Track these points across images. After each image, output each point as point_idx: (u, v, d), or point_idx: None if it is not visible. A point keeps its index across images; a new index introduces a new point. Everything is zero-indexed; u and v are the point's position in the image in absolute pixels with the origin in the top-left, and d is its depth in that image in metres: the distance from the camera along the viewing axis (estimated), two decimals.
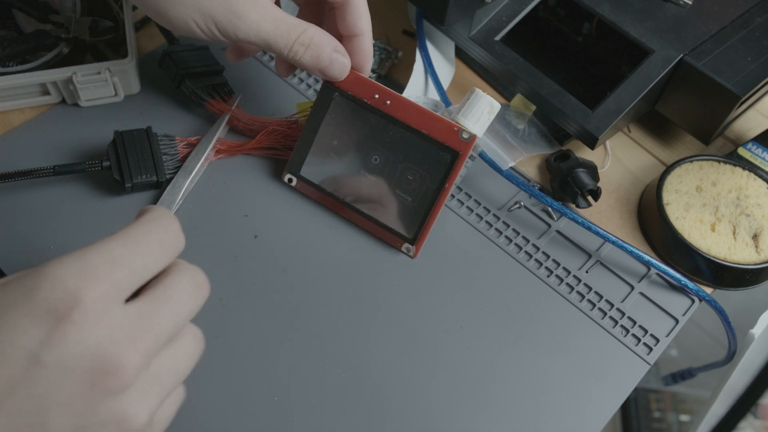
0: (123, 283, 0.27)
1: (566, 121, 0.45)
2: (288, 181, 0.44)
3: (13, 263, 0.40)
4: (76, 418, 0.25)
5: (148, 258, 0.28)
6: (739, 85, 0.43)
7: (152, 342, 0.27)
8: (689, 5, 0.47)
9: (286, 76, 0.45)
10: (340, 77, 0.41)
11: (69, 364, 0.25)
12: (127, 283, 0.27)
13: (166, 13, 0.37)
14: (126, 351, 0.26)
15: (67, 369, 0.25)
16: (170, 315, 0.28)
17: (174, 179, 0.44)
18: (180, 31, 0.38)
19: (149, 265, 0.28)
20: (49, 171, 0.43)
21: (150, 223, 0.29)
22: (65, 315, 0.25)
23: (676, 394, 0.95)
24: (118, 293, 0.26)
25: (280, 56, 0.39)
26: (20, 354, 0.24)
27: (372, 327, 0.39)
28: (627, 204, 0.47)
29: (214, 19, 0.37)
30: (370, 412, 0.36)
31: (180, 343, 0.29)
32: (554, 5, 0.52)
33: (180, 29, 0.38)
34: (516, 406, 0.37)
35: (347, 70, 0.41)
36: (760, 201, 0.44)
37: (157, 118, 0.48)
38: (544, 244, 0.44)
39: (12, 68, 0.47)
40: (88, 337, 0.25)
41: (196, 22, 0.37)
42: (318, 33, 0.39)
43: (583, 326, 0.40)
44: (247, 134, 0.47)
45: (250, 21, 0.37)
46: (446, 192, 0.40)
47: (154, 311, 0.27)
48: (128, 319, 0.26)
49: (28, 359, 0.24)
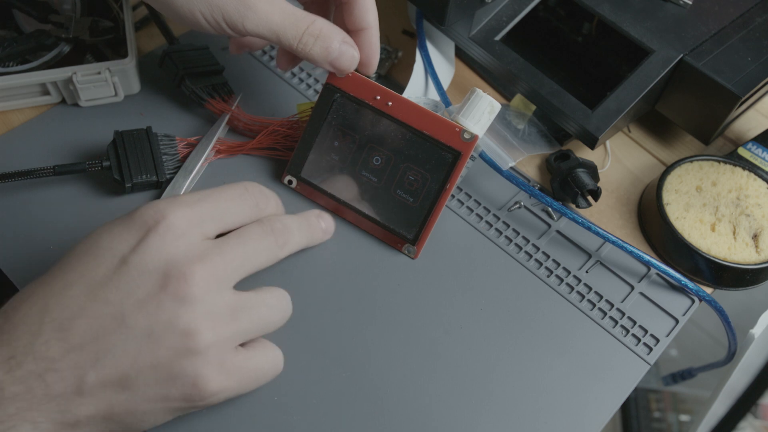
0: (205, 215, 0.32)
1: (566, 121, 0.45)
2: (288, 183, 0.44)
3: (13, 263, 0.40)
4: (148, 316, 0.29)
5: (230, 203, 0.33)
6: (739, 85, 0.43)
7: (222, 267, 0.31)
8: (689, 5, 0.47)
9: (286, 70, 0.45)
10: (349, 69, 0.41)
11: (148, 267, 0.30)
12: (209, 216, 0.32)
13: (172, 3, 0.37)
14: (196, 265, 0.30)
15: (146, 271, 0.30)
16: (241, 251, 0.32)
17: (174, 179, 0.44)
18: (186, 23, 0.38)
19: (231, 208, 0.33)
20: (49, 171, 0.43)
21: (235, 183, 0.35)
22: (153, 227, 0.30)
23: (676, 394, 0.95)
24: (202, 222, 0.32)
25: (290, 48, 0.39)
26: (114, 255, 0.30)
27: (372, 327, 0.39)
28: (627, 204, 0.47)
29: (222, 11, 0.37)
30: (371, 412, 0.36)
31: (263, 294, 0.33)
32: (554, 5, 0.52)
33: (186, 20, 0.38)
34: (516, 406, 0.37)
35: (356, 61, 0.40)
36: (760, 201, 0.44)
37: (157, 118, 0.48)
38: (544, 244, 0.44)
39: (12, 68, 0.47)
40: (168, 248, 0.30)
41: (202, 13, 0.37)
42: (326, 24, 0.39)
43: (583, 326, 0.40)
44: (247, 134, 0.47)
45: (259, 12, 0.37)
46: (447, 192, 0.40)
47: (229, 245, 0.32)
48: (205, 245, 0.31)
49: (119, 260, 0.30)
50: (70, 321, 0.29)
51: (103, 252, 0.30)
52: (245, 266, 0.33)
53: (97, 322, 0.29)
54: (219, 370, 0.30)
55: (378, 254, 0.42)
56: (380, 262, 0.42)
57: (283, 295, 0.34)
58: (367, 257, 0.42)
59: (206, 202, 0.33)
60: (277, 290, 0.34)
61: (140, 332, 0.29)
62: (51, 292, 0.29)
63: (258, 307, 0.32)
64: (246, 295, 0.32)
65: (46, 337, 0.28)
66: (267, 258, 0.34)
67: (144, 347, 0.29)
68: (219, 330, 0.30)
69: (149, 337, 0.29)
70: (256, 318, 0.32)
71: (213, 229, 0.33)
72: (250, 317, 0.32)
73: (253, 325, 0.32)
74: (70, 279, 0.30)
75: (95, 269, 0.30)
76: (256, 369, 0.32)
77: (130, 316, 0.29)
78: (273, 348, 0.34)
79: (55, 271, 0.30)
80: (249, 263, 0.33)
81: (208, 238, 0.32)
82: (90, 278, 0.30)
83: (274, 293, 0.34)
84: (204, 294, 0.30)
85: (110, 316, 0.29)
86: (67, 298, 0.29)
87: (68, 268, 0.30)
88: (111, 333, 0.29)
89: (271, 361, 0.34)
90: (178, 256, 0.30)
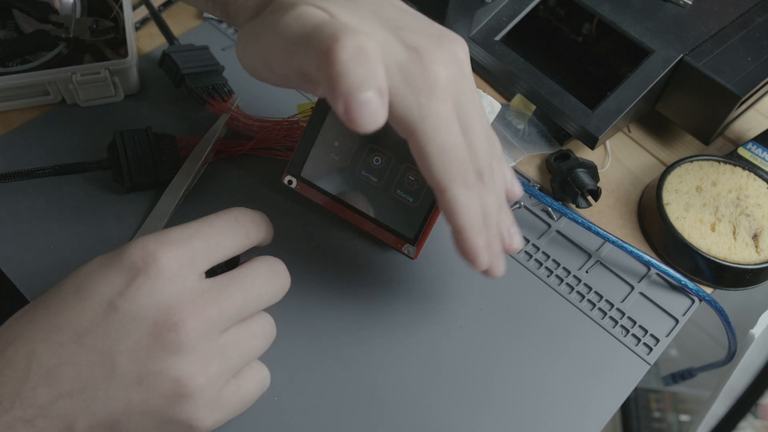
0: (197, 253, 0.30)
1: (566, 121, 0.45)
2: (288, 183, 0.44)
3: (13, 263, 0.40)
4: (138, 364, 0.28)
5: (221, 236, 0.32)
6: (739, 85, 0.43)
7: (217, 313, 0.30)
8: (689, 5, 0.47)
9: None
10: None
11: (138, 314, 0.28)
12: (201, 253, 0.31)
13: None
14: (189, 313, 0.29)
15: (136, 318, 0.28)
16: (240, 294, 0.31)
17: (174, 179, 0.44)
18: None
19: (222, 242, 0.32)
20: (49, 171, 0.43)
21: (223, 212, 0.33)
22: (142, 270, 0.29)
23: (676, 394, 0.95)
24: (193, 261, 0.30)
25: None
26: (102, 299, 0.29)
27: (372, 327, 0.39)
28: (627, 204, 0.47)
29: None
30: (370, 412, 0.36)
31: (250, 324, 0.32)
32: (554, 5, 0.52)
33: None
34: (516, 406, 0.37)
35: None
36: (760, 201, 0.44)
37: (157, 118, 0.48)
38: (544, 244, 0.44)
39: (12, 68, 0.47)
40: (159, 293, 0.29)
41: None
42: None
43: (583, 326, 0.40)
44: (247, 134, 0.47)
45: None
46: None
47: (225, 287, 0.31)
48: (199, 288, 0.30)
49: (107, 304, 0.29)
50: (57, 368, 0.28)
51: (90, 296, 0.29)
52: (246, 307, 0.32)
53: (86, 370, 0.28)
54: (212, 409, 0.30)
55: (378, 254, 0.42)
56: (380, 262, 0.42)
57: (267, 321, 0.33)
58: (367, 257, 0.42)
59: (197, 239, 0.31)
60: (261, 317, 0.33)
61: (131, 380, 0.28)
62: (38, 337, 0.28)
63: (246, 339, 0.32)
64: (233, 332, 0.31)
65: (33, 384, 0.27)
66: (269, 294, 0.33)
67: (135, 395, 0.28)
68: (210, 372, 0.30)
69: (140, 385, 0.28)
70: (245, 351, 0.32)
71: (205, 265, 0.31)
72: (240, 352, 0.31)
73: (242, 359, 0.31)
74: (56, 322, 0.28)
75: (82, 314, 0.29)
76: (246, 396, 0.32)
77: (120, 364, 0.28)
78: (260, 369, 0.33)
79: (41, 311, 0.29)
80: (250, 304, 0.32)
81: (200, 275, 0.31)
82: (77, 324, 0.28)
83: (259, 321, 0.33)
84: (195, 342, 0.29)
85: (99, 364, 0.28)
86: (55, 344, 0.28)
87: (54, 310, 0.29)
88: (101, 381, 0.28)
89: (260, 383, 0.33)
90: (169, 301, 0.29)
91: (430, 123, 0.29)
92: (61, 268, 0.40)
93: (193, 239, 0.31)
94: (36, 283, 0.40)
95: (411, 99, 0.29)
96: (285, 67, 0.31)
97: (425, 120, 0.29)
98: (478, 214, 0.32)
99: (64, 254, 0.41)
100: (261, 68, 0.33)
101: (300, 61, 0.30)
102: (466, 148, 0.30)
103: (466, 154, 0.30)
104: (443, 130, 0.29)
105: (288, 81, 0.32)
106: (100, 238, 0.42)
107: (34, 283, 0.40)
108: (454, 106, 0.30)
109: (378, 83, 0.27)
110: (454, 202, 0.31)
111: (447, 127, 0.29)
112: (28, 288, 0.39)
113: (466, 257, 0.33)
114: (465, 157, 0.30)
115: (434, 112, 0.29)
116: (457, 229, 0.32)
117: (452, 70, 0.30)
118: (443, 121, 0.29)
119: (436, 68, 0.29)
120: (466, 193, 0.31)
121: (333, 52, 0.27)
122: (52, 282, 0.38)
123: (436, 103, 0.29)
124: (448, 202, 0.31)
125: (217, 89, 0.48)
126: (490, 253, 0.33)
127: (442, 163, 0.30)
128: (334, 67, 0.27)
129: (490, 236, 0.33)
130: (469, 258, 0.33)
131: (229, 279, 0.31)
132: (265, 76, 0.33)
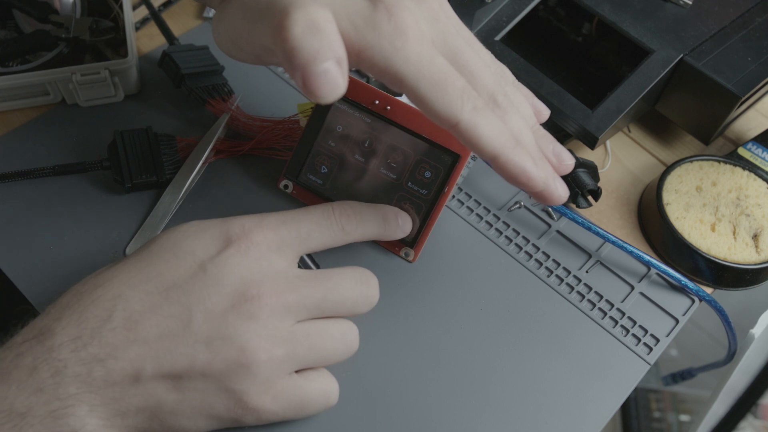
0: (287, 239, 0.33)
1: (566, 121, 0.45)
2: (284, 188, 0.44)
3: (13, 263, 0.40)
4: (211, 325, 0.30)
5: (312, 225, 0.34)
6: (739, 85, 0.43)
7: (294, 299, 0.31)
8: (689, 5, 0.47)
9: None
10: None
11: (223, 280, 0.31)
12: (289, 240, 0.33)
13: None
14: (268, 290, 0.31)
15: (221, 282, 0.30)
16: (321, 289, 0.32)
17: (174, 179, 0.44)
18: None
19: (313, 231, 0.34)
20: (49, 171, 0.43)
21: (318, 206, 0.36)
22: (235, 242, 0.32)
23: (676, 394, 0.95)
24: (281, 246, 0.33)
25: None
26: (194, 260, 0.31)
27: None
28: (627, 204, 0.47)
29: None
30: (370, 413, 0.36)
31: (328, 325, 0.33)
32: (554, 5, 0.52)
33: None
34: (516, 406, 0.37)
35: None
36: (760, 201, 0.44)
37: (157, 118, 0.48)
38: (544, 244, 0.44)
39: (12, 68, 0.47)
40: (246, 267, 0.31)
41: None
42: None
43: (583, 326, 0.40)
44: (247, 134, 0.47)
45: None
46: (446, 195, 0.40)
47: (308, 279, 0.32)
48: (284, 273, 0.32)
49: (198, 265, 0.31)
50: (140, 314, 0.29)
51: (185, 254, 0.31)
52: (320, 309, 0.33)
53: (164, 321, 0.29)
54: (265, 391, 0.31)
55: (378, 254, 0.42)
56: (380, 262, 0.42)
57: (349, 328, 0.34)
58: (366, 257, 0.42)
59: (290, 226, 0.33)
60: (344, 322, 0.34)
61: (200, 339, 0.30)
62: (128, 283, 0.30)
63: (319, 337, 0.32)
64: (307, 325, 0.32)
65: (114, 324, 0.29)
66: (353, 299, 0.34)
67: (200, 354, 0.29)
68: (274, 352, 0.30)
69: (207, 345, 0.30)
70: (316, 347, 0.32)
71: (294, 251, 0.33)
72: (309, 345, 0.32)
73: (310, 353, 0.32)
74: (147, 273, 0.31)
75: (174, 270, 0.31)
76: (304, 397, 0.32)
77: (196, 321, 0.30)
78: (328, 379, 0.34)
79: (134, 263, 0.31)
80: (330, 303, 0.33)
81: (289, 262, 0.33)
82: (167, 277, 0.30)
83: (340, 325, 0.33)
84: (267, 319, 0.30)
85: (178, 317, 0.30)
86: (142, 293, 0.30)
87: (147, 263, 0.31)
88: (175, 334, 0.29)
89: (323, 392, 0.33)
90: (253, 276, 0.31)
91: (413, 64, 0.29)
92: (61, 268, 0.40)
93: (285, 226, 0.33)
94: (36, 283, 0.40)
95: (386, 46, 0.29)
96: (249, 44, 0.32)
97: (409, 63, 0.29)
98: (507, 135, 0.30)
99: (64, 254, 0.41)
100: (230, 46, 0.34)
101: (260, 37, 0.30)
102: (460, 75, 0.30)
103: (463, 81, 0.30)
104: (428, 64, 0.29)
105: (257, 57, 0.33)
106: (100, 238, 0.42)
107: (34, 283, 0.40)
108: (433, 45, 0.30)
109: (334, 53, 0.27)
110: (472, 129, 0.29)
111: (431, 60, 0.29)
112: (28, 288, 0.39)
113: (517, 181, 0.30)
114: (463, 84, 0.30)
115: (414, 54, 0.29)
116: (491, 157, 0.30)
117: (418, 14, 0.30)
118: (425, 57, 0.29)
119: (400, 12, 0.29)
120: (481, 117, 0.29)
121: (285, 27, 0.27)
122: (51, 282, 0.38)
123: (413, 44, 0.29)
124: (465, 132, 0.29)
125: (217, 89, 0.48)
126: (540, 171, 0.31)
127: (439, 95, 0.29)
128: (288, 42, 0.27)
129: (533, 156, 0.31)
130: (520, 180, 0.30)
131: (315, 273, 0.33)
132: (236, 53, 0.34)
